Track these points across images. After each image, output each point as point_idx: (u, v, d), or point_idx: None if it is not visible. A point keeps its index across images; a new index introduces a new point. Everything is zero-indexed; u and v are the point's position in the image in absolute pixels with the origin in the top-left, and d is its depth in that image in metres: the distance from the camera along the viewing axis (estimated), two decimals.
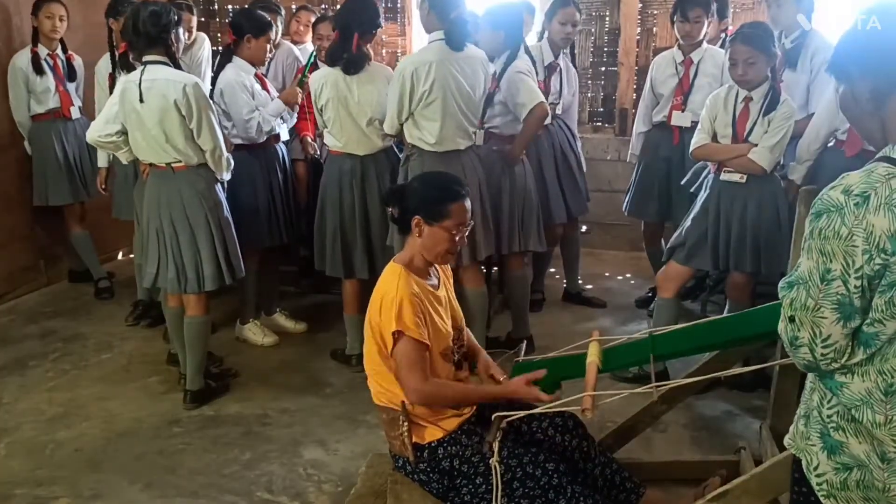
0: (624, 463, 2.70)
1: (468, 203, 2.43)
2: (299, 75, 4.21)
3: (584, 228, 5.30)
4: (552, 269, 5.13)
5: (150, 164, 3.52)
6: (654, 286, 4.71)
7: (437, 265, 2.54)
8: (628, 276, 5.40)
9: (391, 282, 2.38)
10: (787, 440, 1.60)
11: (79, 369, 4.09)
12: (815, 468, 1.50)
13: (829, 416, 1.48)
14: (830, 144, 3.49)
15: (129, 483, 3.07)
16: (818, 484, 1.50)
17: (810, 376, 1.54)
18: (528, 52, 3.98)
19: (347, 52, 3.58)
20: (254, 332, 4.32)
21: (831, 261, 1.36)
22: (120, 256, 5.81)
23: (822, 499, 1.49)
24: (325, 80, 3.65)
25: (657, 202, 4.43)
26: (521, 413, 2.31)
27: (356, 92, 3.63)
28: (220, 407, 3.66)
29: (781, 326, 1.45)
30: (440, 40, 3.46)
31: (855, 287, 1.35)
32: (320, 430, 3.43)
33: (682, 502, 2.63)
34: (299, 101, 4.08)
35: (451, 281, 2.63)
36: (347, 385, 3.84)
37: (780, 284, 1.46)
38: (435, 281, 2.52)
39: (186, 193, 3.48)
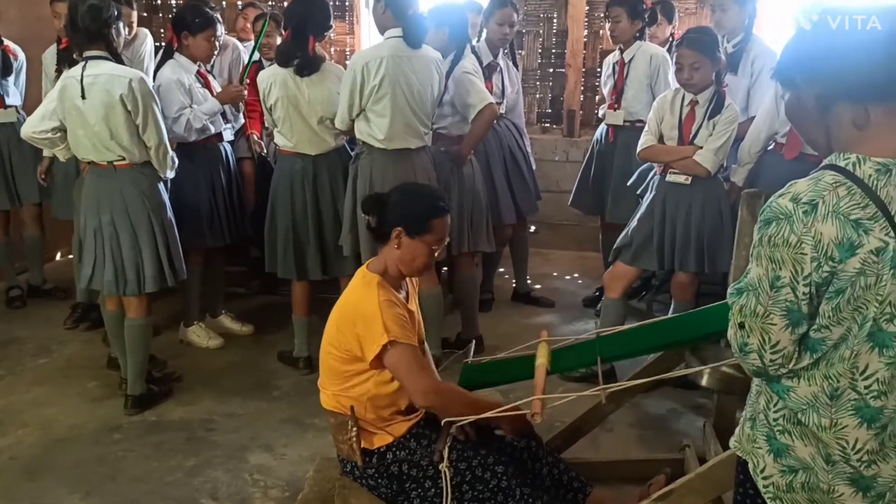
0: (572, 462, 2.73)
1: (449, 219, 2.42)
2: (242, 74, 4.15)
3: (532, 228, 5.33)
4: (501, 269, 5.14)
5: (90, 163, 3.42)
6: (601, 286, 4.78)
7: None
8: (576, 275, 5.45)
9: (369, 293, 2.33)
10: (732, 442, 1.62)
11: (14, 374, 3.95)
12: (762, 471, 1.52)
13: (775, 420, 1.50)
14: (770, 148, 3.56)
15: (67, 492, 2.98)
16: (765, 486, 1.51)
17: (756, 380, 1.56)
18: (474, 51, 3.99)
19: (302, 54, 3.53)
20: (198, 335, 4.23)
21: (781, 268, 1.37)
22: (59, 257, 5.64)
23: (768, 501, 1.51)
24: (273, 78, 3.59)
25: (591, 195, 4.51)
26: (471, 418, 2.30)
27: (306, 91, 3.58)
28: (162, 412, 3.57)
29: (731, 333, 1.47)
30: (396, 37, 3.44)
31: (803, 294, 1.37)
32: (267, 435, 3.38)
33: (627, 501, 2.65)
34: (239, 100, 4.01)
35: (416, 290, 2.60)
36: (295, 388, 3.79)
37: (730, 291, 1.48)
38: (405, 293, 2.49)
39: (128, 193, 3.39)
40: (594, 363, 2.50)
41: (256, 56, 4.34)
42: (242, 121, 4.23)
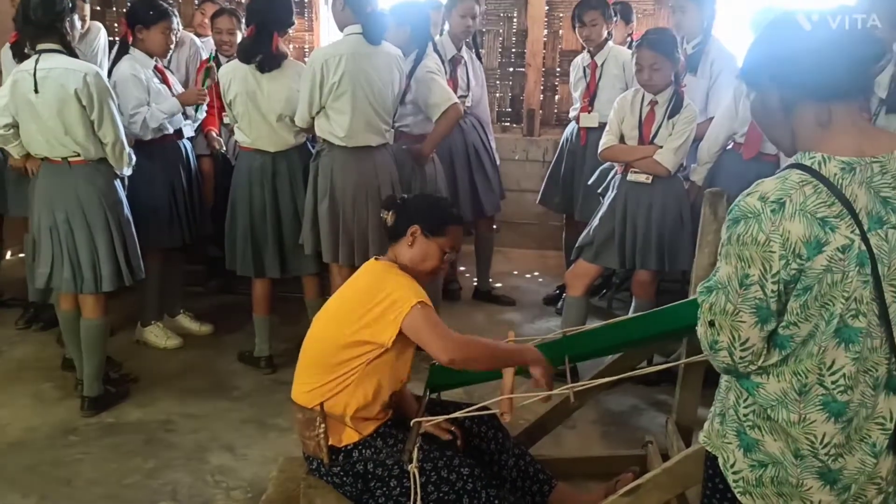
0: (536, 459, 2.73)
1: (462, 231, 2.49)
2: (200, 75, 4.08)
3: (494, 227, 5.34)
4: (462, 268, 5.15)
5: (44, 159, 3.34)
6: (562, 284, 4.82)
7: None
8: (536, 274, 5.48)
9: (390, 272, 2.34)
10: (701, 437, 1.63)
11: None
12: (732, 465, 1.54)
13: (745, 415, 1.52)
14: (729, 147, 3.62)
15: (21, 496, 2.89)
16: (734, 481, 1.54)
17: (726, 376, 1.58)
18: (436, 50, 3.98)
19: (265, 51, 3.49)
20: (156, 335, 4.15)
21: (749, 266, 1.39)
22: (9, 256, 5.48)
23: (738, 495, 1.53)
24: (232, 74, 3.55)
25: (560, 194, 4.55)
26: (441, 418, 2.32)
27: (265, 87, 3.54)
28: (119, 414, 3.50)
29: (701, 331, 1.48)
30: (356, 34, 3.41)
31: (772, 291, 1.39)
32: (228, 435, 3.33)
33: (591, 496, 2.67)
34: (201, 102, 3.95)
35: None
36: (256, 388, 3.74)
37: (699, 289, 1.49)
38: None
39: (84, 190, 3.32)
40: (561, 363, 2.52)
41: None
42: (202, 117, 4.15)
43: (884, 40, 1.43)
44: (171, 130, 3.88)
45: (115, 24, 5.96)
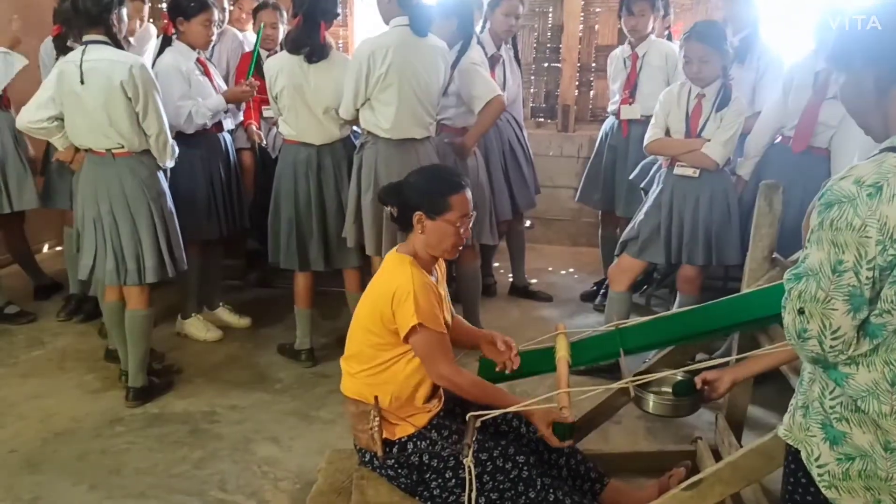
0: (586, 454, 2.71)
1: (469, 193, 2.37)
2: (246, 72, 4.10)
3: (528, 223, 5.31)
4: (496, 264, 5.13)
5: (88, 150, 3.35)
6: (598, 281, 4.80)
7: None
8: (571, 270, 5.44)
9: (403, 273, 2.30)
10: (782, 431, 1.60)
11: (7, 367, 3.86)
12: (817, 459, 1.50)
13: (831, 407, 1.48)
14: (777, 141, 3.58)
15: (71, 485, 2.91)
16: (819, 475, 1.50)
17: (809, 367, 1.54)
18: (480, 43, 3.96)
19: (313, 41, 3.48)
20: (196, 327, 4.17)
21: (843, 252, 1.36)
22: (46, 249, 5.53)
23: (823, 489, 1.50)
24: (280, 66, 3.54)
25: (601, 191, 4.50)
26: (496, 412, 2.27)
27: (313, 80, 3.54)
28: (164, 404, 3.51)
29: (788, 319, 1.44)
30: (403, 26, 3.39)
31: (866, 278, 1.35)
32: (272, 427, 3.33)
33: (645, 493, 2.63)
34: (247, 99, 3.97)
35: (445, 273, 2.58)
36: (297, 381, 3.74)
37: (786, 276, 1.45)
38: (435, 276, 2.46)
39: (128, 181, 3.33)
40: (615, 355, 2.49)
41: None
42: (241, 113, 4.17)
43: None
44: (209, 124, 3.89)
45: (152, 19, 5.97)
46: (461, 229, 2.35)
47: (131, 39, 3.53)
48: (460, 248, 2.42)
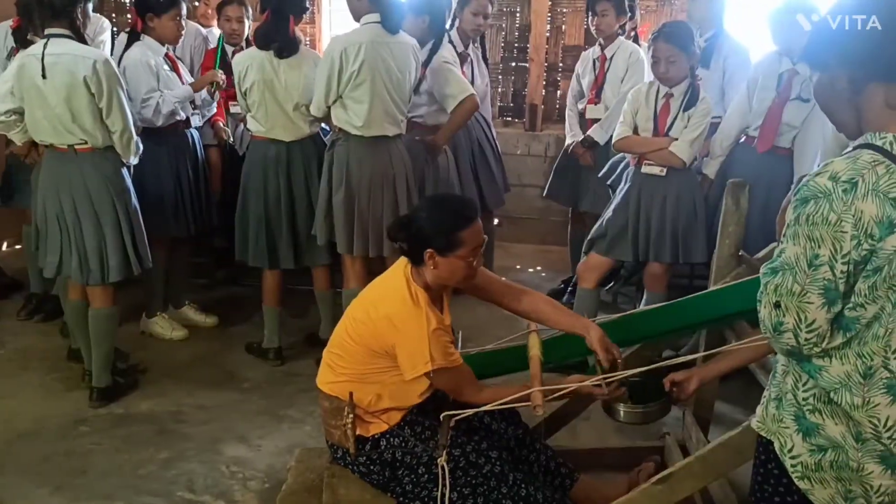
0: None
1: (480, 222, 2.29)
2: (211, 68, 4.06)
3: (496, 222, 5.33)
4: None
5: (50, 146, 3.29)
6: (566, 278, 4.82)
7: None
8: (539, 268, 5.47)
9: (418, 315, 2.21)
10: (755, 423, 1.62)
11: None
12: (790, 450, 1.53)
13: (804, 399, 1.51)
14: (742, 141, 3.63)
15: (35, 486, 2.85)
16: (792, 465, 1.53)
17: (782, 359, 1.57)
18: (451, 41, 3.97)
19: (283, 36, 3.46)
20: (161, 326, 4.11)
21: (819, 246, 1.38)
22: (5, 247, 5.41)
23: (795, 480, 1.52)
24: (250, 62, 3.50)
25: (569, 188, 4.53)
26: (470, 411, 2.27)
27: (283, 75, 3.51)
28: (129, 404, 3.46)
29: (764, 312, 1.46)
30: (374, 23, 3.38)
31: (841, 272, 1.38)
32: (240, 426, 3.30)
33: (614, 488, 2.66)
34: (212, 81, 3.92)
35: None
36: (266, 379, 3.71)
37: (763, 270, 1.48)
38: (440, 305, 2.39)
39: (91, 178, 3.27)
40: (587, 353, 2.50)
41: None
42: (215, 109, 4.12)
43: None
44: (183, 116, 3.83)
45: (113, 15, 5.89)
46: (473, 262, 2.29)
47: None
48: (473, 278, 2.36)
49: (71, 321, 3.58)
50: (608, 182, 3.95)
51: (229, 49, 4.31)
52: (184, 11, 3.79)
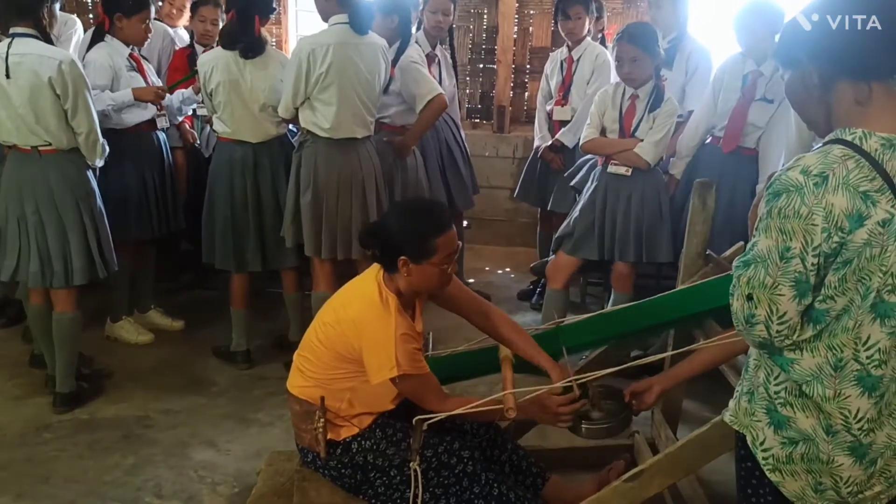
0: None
1: (454, 229, 2.26)
2: (181, 69, 4.01)
3: (465, 223, 5.34)
4: None
5: (12, 147, 3.23)
6: (534, 280, 4.84)
7: None
8: (507, 270, 5.49)
9: (386, 318, 2.19)
10: (727, 416, 1.64)
11: None
12: (762, 443, 1.55)
13: (776, 392, 1.53)
14: (707, 141, 3.68)
15: None
16: (764, 458, 1.55)
17: (754, 353, 1.59)
18: (418, 42, 3.97)
19: (248, 36, 3.42)
20: (126, 330, 4.05)
21: (791, 239, 1.40)
22: None
23: (767, 472, 1.54)
24: (215, 62, 3.46)
25: (536, 188, 4.57)
26: (443, 415, 2.25)
27: (249, 76, 3.48)
28: (94, 410, 3.40)
29: (737, 305, 1.48)
30: (342, 24, 3.36)
31: (812, 265, 1.40)
32: (208, 431, 3.26)
33: (585, 487, 2.67)
34: (158, 101, 3.77)
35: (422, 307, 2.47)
36: (234, 383, 3.67)
37: (735, 263, 1.50)
38: (411, 311, 2.37)
39: (55, 180, 3.22)
40: (557, 353, 2.51)
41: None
42: (189, 113, 4.06)
43: None
44: (114, 121, 3.68)
45: (75, 15, 5.78)
46: (448, 269, 2.26)
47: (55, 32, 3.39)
48: (447, 285, 2.34)
49: (34, 325, 3.51)
50: (571, 184, 3.96)
51: (199, 49, 4.26)
52: (153, 14, 3.74)
